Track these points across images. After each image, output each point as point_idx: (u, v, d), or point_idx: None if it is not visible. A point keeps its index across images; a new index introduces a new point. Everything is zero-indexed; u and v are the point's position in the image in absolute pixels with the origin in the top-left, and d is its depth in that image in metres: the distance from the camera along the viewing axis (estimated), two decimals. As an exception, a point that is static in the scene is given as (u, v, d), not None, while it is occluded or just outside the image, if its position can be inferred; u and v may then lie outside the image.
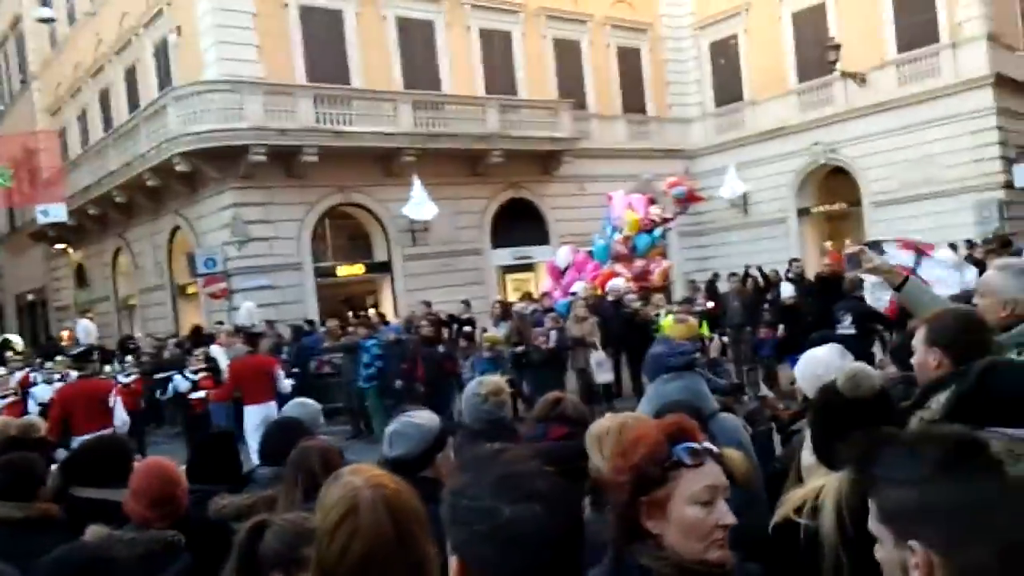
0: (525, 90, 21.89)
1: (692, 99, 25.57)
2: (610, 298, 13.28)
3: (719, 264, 22.31)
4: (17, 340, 18.33)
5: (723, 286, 15.90)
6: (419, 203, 17.94)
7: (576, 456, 2.96)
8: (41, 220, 21.39)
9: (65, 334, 24.09)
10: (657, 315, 12.75)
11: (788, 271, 14.85)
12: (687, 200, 15.58)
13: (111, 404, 8.06)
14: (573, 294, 13.78)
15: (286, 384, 9.99)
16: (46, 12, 21.38)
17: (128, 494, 2.97)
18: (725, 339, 14.30)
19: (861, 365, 2.34)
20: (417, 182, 17.75)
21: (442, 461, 2.83)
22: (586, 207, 20.40)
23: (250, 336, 10.06)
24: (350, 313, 16.78)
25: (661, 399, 3.35)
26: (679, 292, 21.59)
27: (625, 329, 12.53)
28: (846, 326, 8.76)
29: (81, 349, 8.89)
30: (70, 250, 25.63)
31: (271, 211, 17.52)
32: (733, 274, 15.51)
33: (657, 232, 15.14)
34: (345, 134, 17.66)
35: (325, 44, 18.82)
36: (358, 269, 19.43)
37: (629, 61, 24.40)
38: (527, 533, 1.13)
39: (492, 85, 21.19)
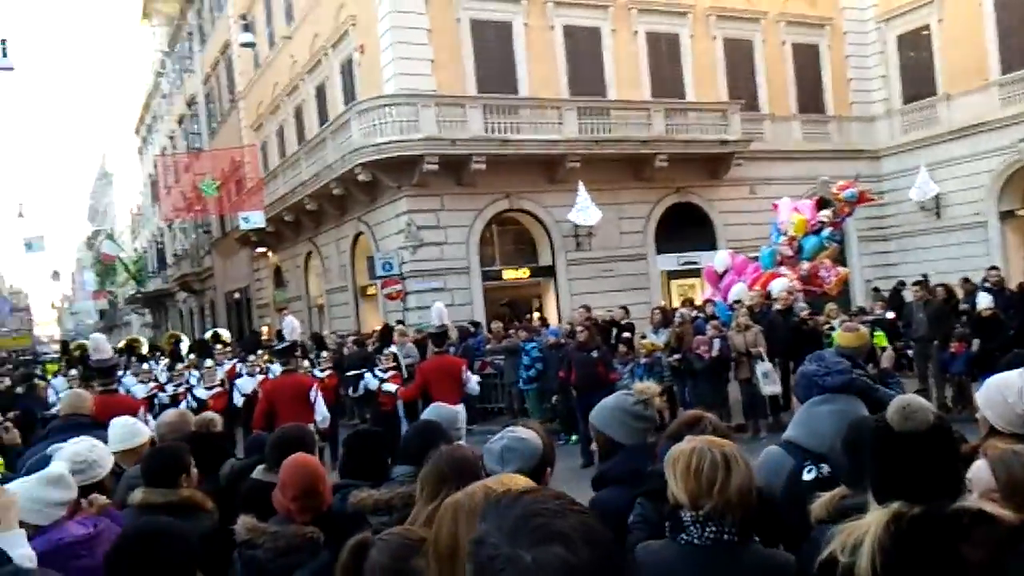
0: (693, 92, 21.55)
1: (876, 96, 24.10)
2: (777, 306, 12.81)
3: (906, 271, 20.92)
4: (225, 334, 20.25)
5: (909, 295, 14.83)
6: (584, 208, 18.12)
7: None
8: (243, 226, 23.56)
9: (265, 329, 26.41)
10: (830, 326, 12.18)
11: (984, 280, 13.66)
12: (858, 203, 14.74)
13: (312, 399, 8.08)
14: (737, 302, 13.42)
15: (474, 385, 9.61)
16: (248, 37, 23.58)
17: (276, 487, 3.16)
18: (910, 352, 13.42)
19: (912, 396, 2.21)
20: (582, 188, 17.96)
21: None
22: (756, 211, 19.81)
23: (437, 336, 9.68)
24: (527, 315, 17.16)
25: (811, 424, 3.18)
26: (860, 300, 20.49)
27: (793, 338, 11.99)
28: (1054, 344, 7.92)
29: (285, 344, 8.94)
30: (270, 253, 28.01)
31: (442, 217, 18.39)
32: (917, 282, 14.42)
33: (825, 233, 14.43)
34: (512, 142, 18.21)
35: (495, 55, 19.49)
36: (523, 273, 19.93)
37: (806, 58, 23.38)
38: None
39: (659, 89, 21.03)
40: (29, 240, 29.06)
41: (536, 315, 18.20)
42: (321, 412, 8.17)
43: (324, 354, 13.42)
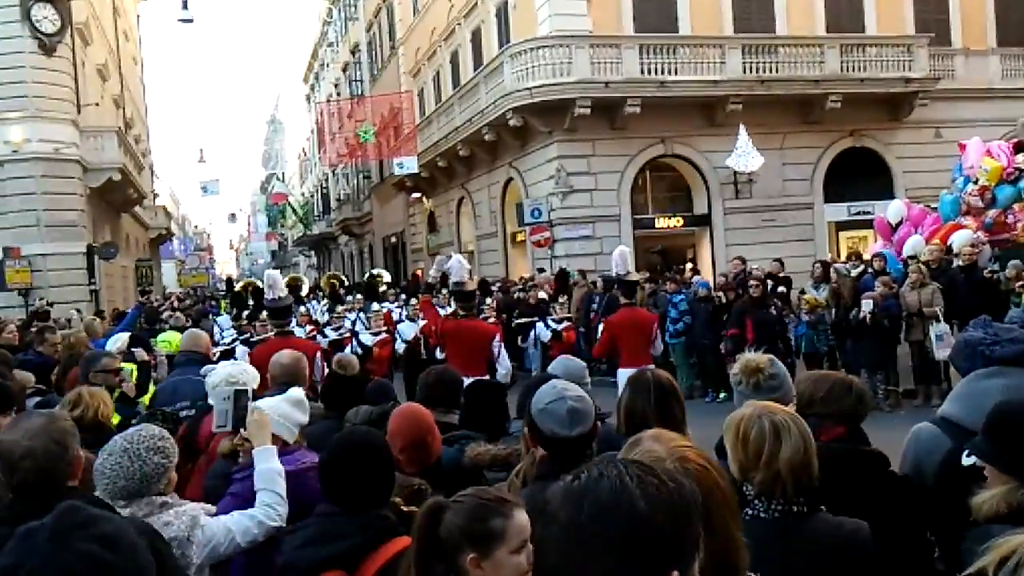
0: (874, 26, 19.68)
1: (1094, 26, 21.10)
2: (958, 261, 11.53)
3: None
4: (386, 275, 20.82)
5: None
6: (744, 154, 17.11)
7: (854, 464, 2.57)
8: (397, 172, 24.03)
9: (419, 272, 27.07)
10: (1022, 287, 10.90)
11: None
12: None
13: (496, 351, 7.14)
14: (912, 257, 12.19)
15: (659, 345, 8.23)
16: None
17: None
18: None
19: None
20: (743, 131, 16.93)
21: None
22: (941, 156, 17.93)
23: (626, 286, 8.28)
24: (679, 266, 16.50)
25: (974, 400, 2.67)
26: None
27: (976, 297, 10.75)
28: None
29: (464, 288, 7.53)
30: (424, 198, 28.55)
31: (593, 163, 17.89)
32: None
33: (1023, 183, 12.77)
34: (669, 84, 17.36)
35: (654, -8, 18.54)
36: (677, 222, 19.15)
37: (1009, -15, 20.75)
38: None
39: (834, 23, 19.39)
40: (205, 183, 31.09)
41: (689, 266, 17.45)
42: (505, 365, 7.24)
43: (488, 301, 12.72)
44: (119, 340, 6.28)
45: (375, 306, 12.31)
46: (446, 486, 2.67)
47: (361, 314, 12.26)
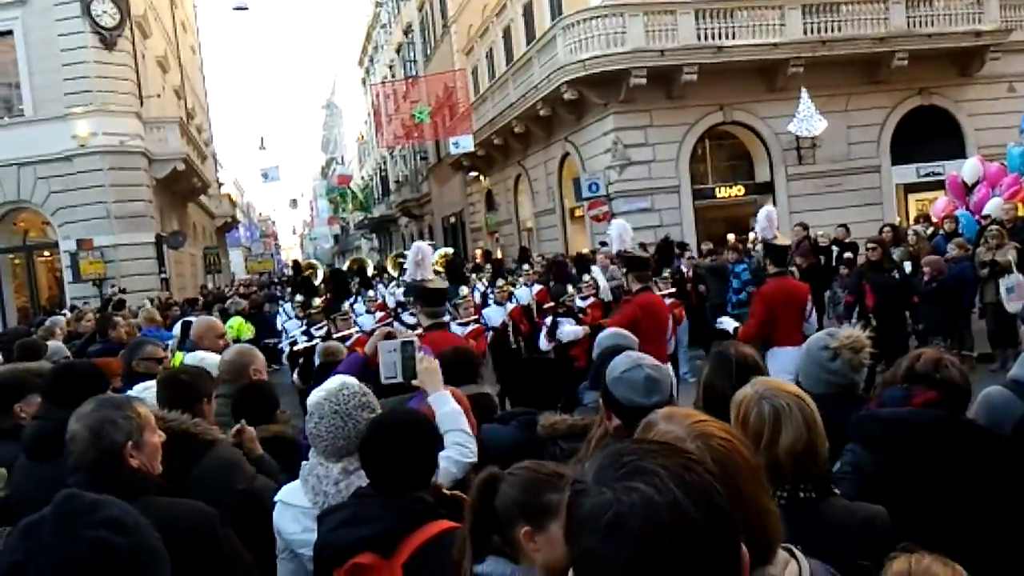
0: (942, -22, 18.82)
1: None
2: (1036, 219, 11.04)
3: None
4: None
5: None
6: (807, 118, 16.64)
7: (947, 431, 2.45)
8: (452, 151, 24.07)
9: (478, 252, 27.13)
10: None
11: None
12: None
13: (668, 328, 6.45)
14: (986, 217, 11.71)
15: (813, 321, 6.84)
16: (456, -40, 23.48)
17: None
18: None
19: None
20: (805, 95, 16.45)
21: None
22: (1015, 112, 17.10)
23: (776, 251, 6.94)
24: (743, 236, 16.19)
25: None
26: None
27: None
28: None
29: (638, 256, 6.85)
30: (481, 177, 28.56)
31: (650, 134, 17.61)
32: None
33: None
34: (726, 49, 16.94)
35: (709, -45, 18.03)
36: (738, 191, 18.75)
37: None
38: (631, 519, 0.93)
39: (900, -23, 18.56)
40: (265, 170, 31.66)
41: (752, 236, 17.06)
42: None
43: (526, 267, 12.59)
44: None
45: (463, 289, 10.52)
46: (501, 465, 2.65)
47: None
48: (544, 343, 9.24)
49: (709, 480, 0.98)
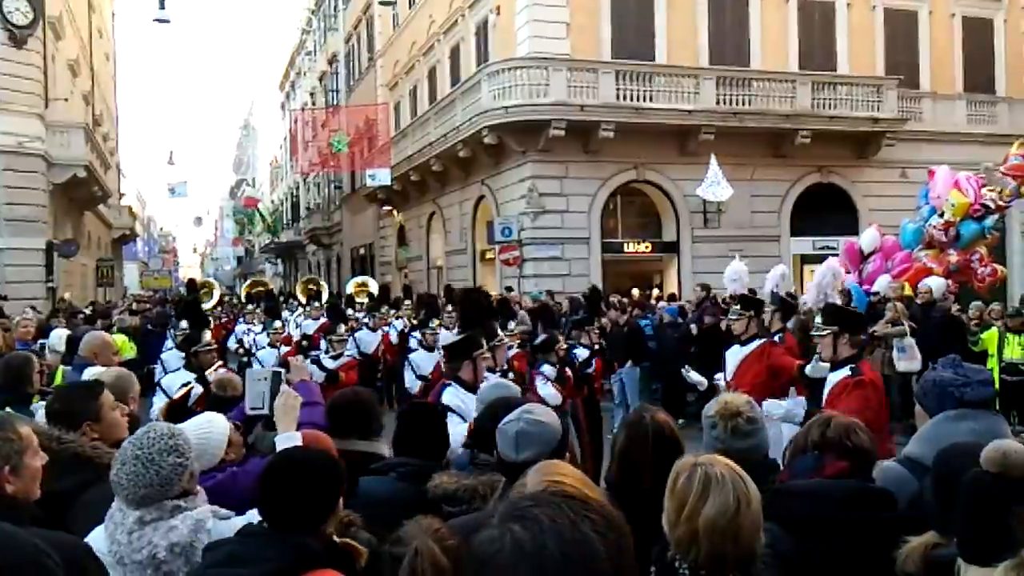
0: (846, 65, 20.08)
1: (1057, 77, 21.72)
2: (919, 300, 11.72)
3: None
4: (373, 285, 20.12)
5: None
6: (714, 183, 17.26)
7: (865, 502, 2.48)
8: (369, 183, 23.91)
9: (388, 284, 26.85)
10: (978, 325, 11.12)
11: None
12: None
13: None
14: (875, 294, 12.33)
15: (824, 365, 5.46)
16: (387, -5, 23.60)
17: None
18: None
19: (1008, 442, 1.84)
20: (714, 161, 17.10)
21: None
22: (906, 196, 18.23)
23: (787, 307, 8.11)
24: (647, 291, 16.60)
25: (943, 442, 2.56)
26: (1016, 301, 18.66)
27: (938, 337, 10.87)
28: None
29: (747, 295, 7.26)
30: (395, 212, 28.41)
31: (565, 185, 17.95)
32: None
33: (989, 222, 12.97)
34: (644, 110, 17.52)
35: (633, 20, 18.74)
36: (646, 247, 19.27)
37: (977, 33, 21.34)
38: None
39: (807, 60, 19.75)
40: (172, 185, 30.62)
41: (655, 292, 17.52)
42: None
43: (449, 308, 11.75)
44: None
45: (341, 328, 10.41)
46: (377, 520, 2.43)
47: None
48: (409, 379, 8.67)
49: (590, 541, 1.03)
